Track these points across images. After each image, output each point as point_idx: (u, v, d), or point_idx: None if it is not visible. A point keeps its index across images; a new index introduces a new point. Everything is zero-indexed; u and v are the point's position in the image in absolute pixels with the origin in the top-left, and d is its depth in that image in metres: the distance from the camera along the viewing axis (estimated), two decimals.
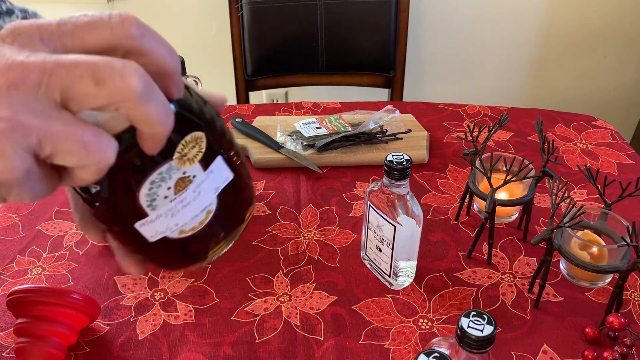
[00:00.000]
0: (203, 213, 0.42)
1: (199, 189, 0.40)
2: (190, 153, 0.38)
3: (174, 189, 0.39)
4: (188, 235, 0.42)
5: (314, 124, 1.02)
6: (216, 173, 0.41)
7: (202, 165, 0.39)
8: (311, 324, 0.69)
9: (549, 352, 0.65)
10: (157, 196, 0.38)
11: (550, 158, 0.77)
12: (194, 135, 0.38)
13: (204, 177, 0.40)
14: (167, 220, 0.40)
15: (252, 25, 1.40)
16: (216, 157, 0.40)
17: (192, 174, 0.39)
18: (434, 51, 1.77)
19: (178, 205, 0.40)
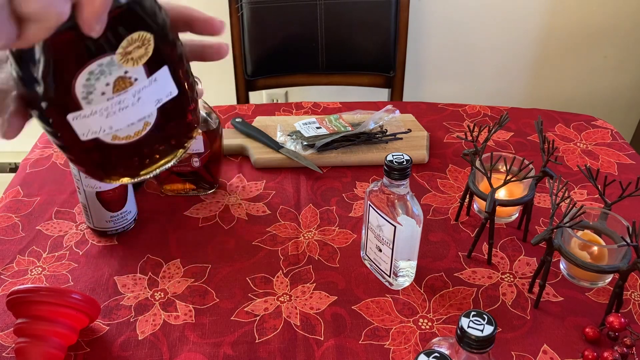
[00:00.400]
0: (140, 123, 0.40)
1: (139, 95, 0.39)
2: (134, 53, 0.37)
3: (113, 87, 0.37)
4: (121, 143, 0.40)
5: (314, 124, 1.02)
6: (160, 83, 0.39)
7: (146, 70, 0.38)
8: (311, 324, 0.69)
9: (549, 352, 0.65)
10: (95, 89, 0.37)
11: (550, 158, 0.77)
12: (142, 35, 0.37)
13: (146, 83, 0.39)
14: (102, 120, 0.38)
15: (252, 25, 1.40)
16: (162, 67, 0.39)
17: (134, 77, 0.38)
18: (434, 51, 1.77)
19: (115, 107, 0.38)
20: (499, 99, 1.84)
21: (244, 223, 0.85)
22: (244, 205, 0.88)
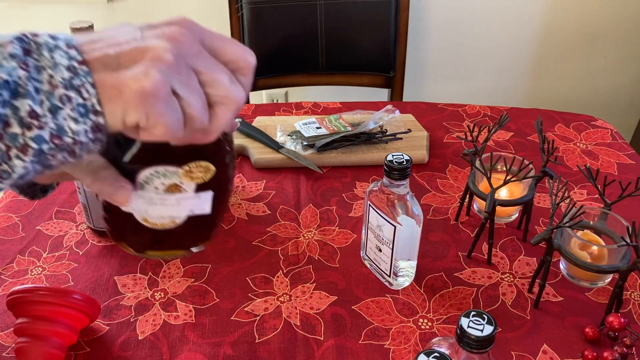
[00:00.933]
0: (168, 219, 0.49)
1: (180, 201, 0.47)
2: (195, 174, 0.46)
3: (165, 187, 0.46)
4: (146, 225, 0.48)
5: (314, 124, 1.02)
6: (200, 200, 0.48)
7: (196, 188, 0.46)
8: (311, 324, 0.69)
9: (549, 352, 0.65)
10: (152, 182, 0.45)
11: (550, 158, 0.77)
12: (207, 165, 0.46)
13: (190, 196, 0.47)
14: (143, 204, 0.47)
15: (252, 25, 1.40)
16: (209, 191, 0.48)
17: (184, 188, 0.46)
18: (434, 51, 1.77)
19: (158, 200, 0.47)
20: (499, 99, 1.84)
21: (244, 223, 0.85)
22: (244, 205, 0.88)
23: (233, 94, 0.39)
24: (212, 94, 0.38)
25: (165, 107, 0.35)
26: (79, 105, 0.34)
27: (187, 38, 0.37)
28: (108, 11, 1.69)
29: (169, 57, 0.35)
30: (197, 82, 0.37)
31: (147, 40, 0.36)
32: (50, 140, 0.34)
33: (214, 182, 0.47)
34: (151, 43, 0.36)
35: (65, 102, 0.34)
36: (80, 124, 0.35)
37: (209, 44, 0.39)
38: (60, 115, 0.34)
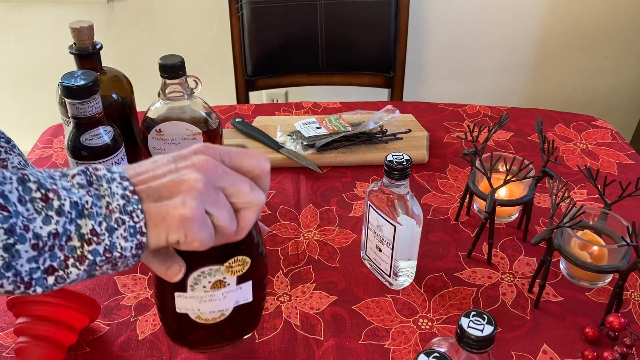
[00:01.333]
0: (218, 313, 0.56)
1: (226, 295, 0.54)
2: (235, 268, 0.53)
3: (212, 285, 0.53)
4: (200, 322, 0.56)
5: (314, 124, 1.02)
6: (243, 291, 0.55)
7: (238, 280, 0.54)
8: (311, 324, 0.69)
9: (549, 352, 0.65)
10: (200, 282, 0.52)
11: (550, 158, 0.77)
12: (244, 259, 0.53)
13: (234, 288, 0.54)
14: (195, 303, 0.54)
15: (252, 25, 1.40)
16: (248, 281, 0.55)
17: (227, 282, 0.53)
18: (433, 51, 1.77)
19: (207, 298, 0.54)
20: (499, 99, 1.84)
21: None
22: None
23: (254, 199, 0.47)
24: (237, 202, 0.46)
25: (200, 227, 0.44)
26: (130, 227, 0.42)
27: (212, 164, 0.45)
28: (108, 11, 1.69)
29: (201, 186, 0.44)
30: (224, 197, 0.46)
31: (181, 172, 0.45)
32: (103, 254, 0.42)
33: (251, 272, 0.54)
34: (185, 175, 0.44)
35: (120, 224, 0.42)
36: (128, 242, 0.43)
37: (229, 162, 0.47)
38: (114, 235, 0.42)
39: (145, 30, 1.72)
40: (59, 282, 0.41)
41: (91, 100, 0.73)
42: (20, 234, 0.39)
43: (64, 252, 0.41)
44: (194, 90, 0.83)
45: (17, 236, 0.39)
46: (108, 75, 0.85)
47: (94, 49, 0.81)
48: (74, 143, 0.75)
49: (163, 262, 0.49)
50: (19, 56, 1.78)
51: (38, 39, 1.74)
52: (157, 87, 0.82)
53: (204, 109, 0.85)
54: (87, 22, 0.81)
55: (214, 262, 0.52)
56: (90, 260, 0.42)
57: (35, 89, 1.83)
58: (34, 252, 0.40)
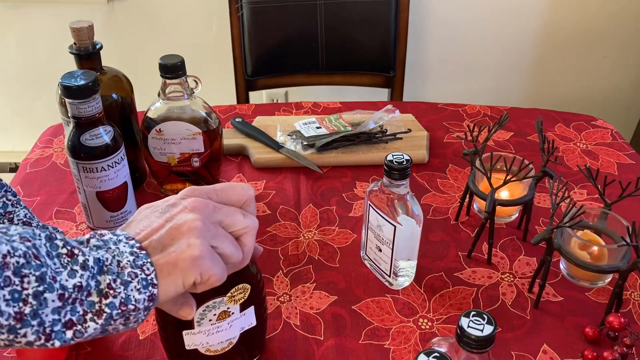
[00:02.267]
0: (226, 342, 0.57)
1: (232, 323, 0.56)
2: (237, 296, 0.55)
3: (217, 317, 0.55)
4: (210, 354, 0.58)
5: (314, 124, 1.02)
6: (247, 316, 0.57)
7: (241, 307, 0.56)
8: (311, 324, 0.69)
9: (549, 352, 0.65)
10: (205, 317, 0.54)
11: (550, 158, 0.77)
12: (245, 286, 0.55)
13: (238, 316, 0.56)
14: (203, 337, 0.56)
15: (252, 25, 1.40)
16: (250, 306, 0.57)
17: (232, 311, 0.55)
18: (434, 51, 1.77)
19: (214, 330, 0.56)
20: (498, 99, 1.84)
21: None
22: None
23: (249, 223, 0.51)
24: (235, 230, 0.50)
25: (212, 262, 0.47)
26: (142, 279, 0.45)
27: (203, 203, 0.49)
28: (108, 11, 1.69)
29: (199, 224, 0.47)
30: (222, 230, 0.49)
31: (177, 218, 0.47)
32: (119, 306, 0.44)
33: (252, 297, 0.56)
34: (181, 219, 0.47)
35: (133, 277, 0.44)
36: (142, 294, 0.45)
37: (217, 198, 0.51)
38: (129, 287, 0.44)
39: (145, 30, 1.72)
40: (76, 336, 0.43)
41: (91, 100, 0.73)
42: (49, 282, 0.41)
43: (84, 306, 0.43)
44: (194, 90, 0.84)
45: (46, 284, 0.41)
46: (108, 75, 0.85)
47: (94, 49, 0.81)
48: (74, 143, 0.75)
49: (174, 304, 0.51)
50: (19, 56, 1.78)
51: (38, 39, 1.74)
52: (157, 87, 0.82)
53: (204, 109, 0.85)
54: (87, 22, 0.81)
55: (217, 294, 0.53)
56: (107, 314, 0.44)
57: (35, 89, 1.83)
58: (59, 303, 0.42)
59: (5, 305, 0.39)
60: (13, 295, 0.40)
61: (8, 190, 0.64)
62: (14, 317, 0.40)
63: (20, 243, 0.41)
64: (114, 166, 0.77)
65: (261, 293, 0.59)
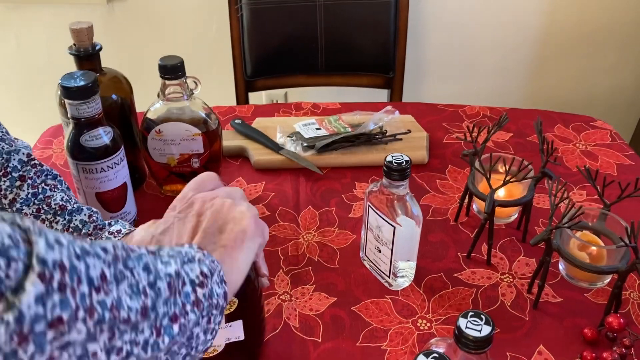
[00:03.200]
0: (210, 348, 0.53)
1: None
2: None
3: None
4: None
5: (313, 125, 1.02)
6: (234, 329, 0.57)
7: (227, 318, 0.55)
8: (310, 326, 0.69)
9: (548, 353, 0.65)
10: None
11: (550, 159, 0.77)
12: (232, 299, 0.53)
13: (223, 326, 0.55)
14: None
15: (252, 25, 1.40)
16: (239, 320, 0.56)
17: None
18: (433, 51, 1.77)
19: None
20: (498, 100, 1.84)
21: None
22: None
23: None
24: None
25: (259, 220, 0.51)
26: (218, 274, 0.44)
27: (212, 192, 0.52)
28: (108, 11, 1.69)
29: (229, 200, 0.51)
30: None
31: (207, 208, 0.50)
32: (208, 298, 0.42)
33: (242, 312, 0.56)
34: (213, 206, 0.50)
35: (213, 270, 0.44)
36: (220, 288, 0.44)
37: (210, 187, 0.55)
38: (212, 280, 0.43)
39: (145, 31, 1.72)
40: (182, 330, 0.40)
41: (91, 101, 0.73)
42: (156, 271, 0.39)
43: (181, 297, 0.40)
44: (194, 91, 0.84)
45: (154, 274, 0.38)
46: (107, 76, 0.85)
47: (93, 49, 0.82)
48: (73, 144, 0.75)
49: None
50: (19, 56, 1.79)
51: (38, 39, 1.74)
52: (157, 88, 0.82)
53: (203, 110, 0.85)
54: (86, 22, 0.81)
55: None
56: (202, 305, 0.42)
57: (35, 89, 1.83)
58: (168, 292, 0.39)
59: (130, 300, 0.36)
60: (132, 288, 0.36)
61: (48, 175, 0.67)
62: (140, 311, 0.36)
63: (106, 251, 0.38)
64: (113, 167, 0.77)
65: (254, 311, 0.59)
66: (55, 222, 0.65)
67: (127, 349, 0.36)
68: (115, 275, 0.35)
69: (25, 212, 0.64)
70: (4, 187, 0.64)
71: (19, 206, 0.64)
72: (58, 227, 0.64)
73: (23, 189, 0.65)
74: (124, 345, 0.35)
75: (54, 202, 0.65)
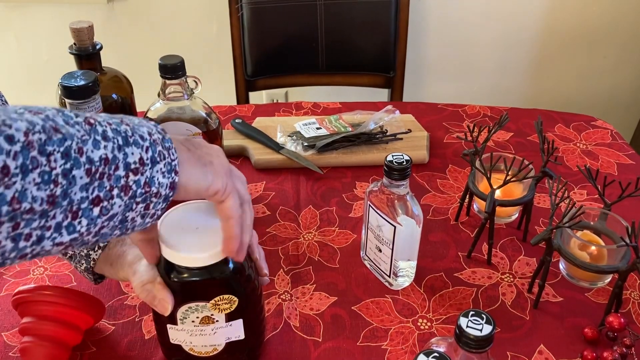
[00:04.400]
0: (210, 347, 0.58)
1: (216, 331, 0.56)
2: (222, 305, 0.54)
3: (200, 320, 0.55)
4: (194, 354, 0.58)
5: (314, 125, 1.02)
6: (234, 328, 0.57)
7: (227, 317, 0.55)
8: (310, 325, 0.69)
9: (549, 353, 0.65)
10: (188, 317, 0.55)
11: (550, 158, 0.77)
12: (231, 297, 0.54)
13: (223, 325, 0.56)
14: (186, 336, 0.56)
15: (252, 25, 1.40)
16: (239, 319, 0.56)
17: (216, 319, 0.55)
18: (434, 51, 1.77)
19: (197, 332, 0.56)
20: (498, 99, 1.84)
21: None
22: None
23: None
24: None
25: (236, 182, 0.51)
26: (167, 163, 0.43)
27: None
28: (108, 11, 1.69)
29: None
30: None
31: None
32: (143, 186, 0.42)
33: (242, 311, 0.56)
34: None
35: (161, 158, 0.43)
36: (165, 178, 0.43)
37: None
38: (155, 168, 0.42)
39: (145, 30, 1.72)
40: (103, 213, 0.40)
41: (91, 100, 0.73)
42: (75, 157, 0.38)
43: (110, 181, 0.40)
44: (194, 91, 0.84)
45: (72, 160, 0.37)
46: (108, 76, 0.85)
47: (93, 49, 0.82)
48: None
49: (153, 297, 0.52)
50: (19, 56, 1.78)
51: (38, 39, 1.74)
52: (157, 87, 0.82)
53: (203, 109, 0.85)
54: (87, 22, 0.81)
55: (199, 299, 0.54)
56: (132, 191, 0.41)
57: (35, 89, 1.83)
58: (87, 179, 0.38)
59: (37, 190, 0.35)
60: (43, 177, 0.36)
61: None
62: (47, 200, 0.36)
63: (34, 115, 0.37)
64: None
65: (254, 309, 0.59)
66: None
67: (37, 234, 0.37)
68: (23, 164, 0.35)
69: None
70: None
71: None
72: None
73: None
74: (32, 231, 0.37)
75: None
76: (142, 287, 0.53)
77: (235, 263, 0.54)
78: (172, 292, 0.53)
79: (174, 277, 0.53)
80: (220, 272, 0.53)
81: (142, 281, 0.54)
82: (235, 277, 0.54)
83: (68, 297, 0.63)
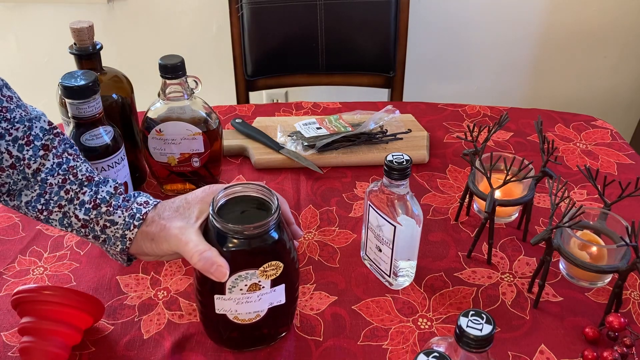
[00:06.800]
0: (254, 314, 0.61)
1: (261, 297, 0.59)
2: (269, 272, 0.57)
3: (247, 288, 0.58)
4: (237, 322, 0.61)
5: (314, 125, 1.02)
6: (277, 293, 0.60)
7: (272, 283, 0.59)
8: (311, 325, 0.69)
9: (549, 352, 0.66)
10: (236, 286, 0.57)
11: (550, 158, 0.77)
12: (278, 263, 0.58)
13: (268, 291, 0.59)
14: (233, 304, 0.59)
15: (252, 25, 1.40)
16: (282, 284, 0.60)
17: (262, 285, 0.58)
18: (434, 51, 1.77)
19: (244, 300, 0.59)
20: (498, 99, 1.85)
21: None
22: None
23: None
24: None
25: None
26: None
27: None
28: (108, 11, 1.69)
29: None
30: None
31: None
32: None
33: (284, 276, 0.59)
34: None
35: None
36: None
37: None
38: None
39: (145, 30, 1.72)
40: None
41: (91, 100, 0.73)
42: None
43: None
44: (194, 90, 0.84)
45: None
46: (108, 75, 0.85)
47: (94, 49, 0.82)
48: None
49: (212, 264, 0.55)
50: (19, 56, 1.79)
51: (38, 39, 1.74)
52: (157, 87, 0.82)
53: (204, 109, 0.85)
54: (87, 22, 0.81)
55: (250, 266, 0.56)
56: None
57: (35, 89, 1.83)
58: None
59: None
60: None
61: (67, 144, 0.66)
62: None
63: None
64: (114, 166, 0.77)
65: (293, 274, 0.61)
66: (82, 192, 0.64)
67: None
68: None
69: (50, 182, 0.63)
70: (27, 157, 0.62)
71: (43, 176, 0.63)
72: (85, 197, 0.64)
73: (48, 158, 0.64)
74: None
75: (81, 172, 0.65)
76: (201, 255, 0.56)
77: (278, 231, 0.57)
78: (237, 258, 0.56)
79: (227, 246, 0.56)
80: (268, 240, 0.57)
81: (199, 250, 0.57)
82: (279, 244, 0.57)
83: (67, 297, 0.63)
